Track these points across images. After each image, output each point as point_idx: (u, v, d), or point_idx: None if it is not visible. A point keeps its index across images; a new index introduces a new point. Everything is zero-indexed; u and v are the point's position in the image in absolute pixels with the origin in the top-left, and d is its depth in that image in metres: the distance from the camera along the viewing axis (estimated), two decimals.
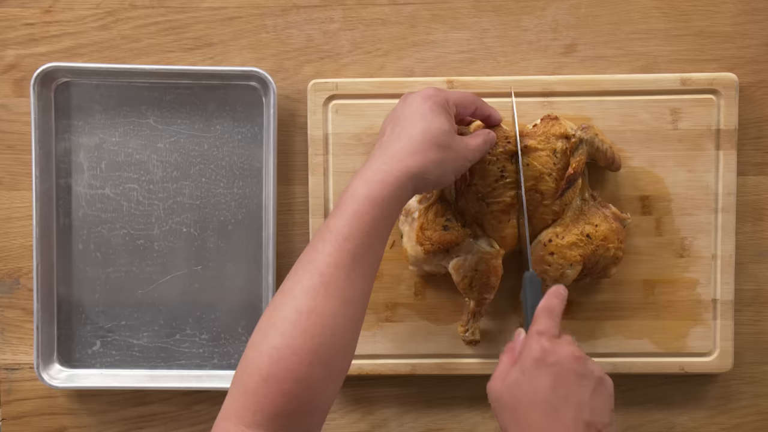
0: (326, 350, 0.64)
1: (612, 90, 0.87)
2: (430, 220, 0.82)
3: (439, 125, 0.72)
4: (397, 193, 0.69)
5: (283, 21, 0.90)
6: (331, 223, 0.68)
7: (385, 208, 0.68)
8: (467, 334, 0.86)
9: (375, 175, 0.69)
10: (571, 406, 0.67)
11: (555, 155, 0.81)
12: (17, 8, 0.90)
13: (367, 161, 0.71)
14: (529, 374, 0.69)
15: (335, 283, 0.65)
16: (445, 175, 0.73)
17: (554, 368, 0.68)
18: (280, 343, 0.63)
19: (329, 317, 0.64)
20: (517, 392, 0.69)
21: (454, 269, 0.83)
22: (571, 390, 0.68)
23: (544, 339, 0.70)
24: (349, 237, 0.66)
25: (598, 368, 0.70)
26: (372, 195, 0.68)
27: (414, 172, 0.69)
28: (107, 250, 0.90)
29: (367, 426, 0.92)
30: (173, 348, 0.91)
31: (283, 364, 0.62)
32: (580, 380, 0.68)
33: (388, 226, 0.69)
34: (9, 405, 0.92)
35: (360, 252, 0.67)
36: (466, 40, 0.90)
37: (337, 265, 0.66)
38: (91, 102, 0.90)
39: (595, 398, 0.68)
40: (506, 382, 0.70)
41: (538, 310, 0.73)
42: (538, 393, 0.68)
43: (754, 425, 0.91)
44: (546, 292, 0.75)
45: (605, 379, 0.70)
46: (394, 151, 0.70)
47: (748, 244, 0.90)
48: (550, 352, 0.69)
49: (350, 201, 0.68)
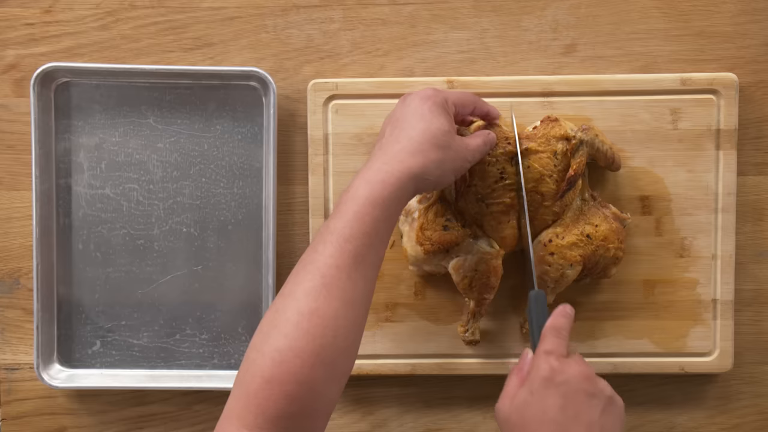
0: (328, 352, 0.64)
1: (612, 90, 0.87)
2: (430, 220, 0.82)
3: (438, 125, 0.72)
4: (398, 193, 0.69)
5: (283, 21, 0.90)
6: (332, 224, 0.67)
7: (386, 208, 0.68)
8: (467, 334, 0.86)
9: (376, 175, 0.68)
10: (581, 426, 0.66)
11: (555, 157, 0.81)
12: (17, 8, 0.90)
13: (367, 162, 0.71)
14: (538, 394, 0.68)
15: (337, 285, 0.65)
16: (445, 175, 0.73)
17: (563, 387, 0.67)
18: (282, 345, 0.63)
19: (331, 318, 0.64)
20: (525, 412, 0.68)
21: (454, 269, 0.83)
22: (581, 409, 0.67)
23: (552, 358, 0.69)
24: (350, 238, 0.66)
25: (608, 387, 0.69)
26: (373, 196, 0.67)
27: (415, 172, 0.69)
28: (107, 250, 0.90)
29: (367, 426, 0.92)
30: (173, 348, 0.91)
31: (286, 367, 0.62)
32: (589, 399, 0.67)
33: (389, 226, 0.69)
34: (9, 405, 0.92)
35: (361, 253, 0.67)
36: (466, 40, 0.90)
37: (339, 266, 0.66)
38: (91, 102, 0.90)
39: (605, 417, 0.67)
40: (515, 402, 0.69)
41: (546, 329, 0.73)
42: (547, 413, 0.67)
43: (754, 425, 0.91)
44: (553, 312, 0.74)
45: (615, 398, 0.69)
46: (394, 152, 0.70)
47: (748, 244, 0.90)
48: (558, 372, 0.68)
49: (351, 202, 0.68)
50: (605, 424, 0.67)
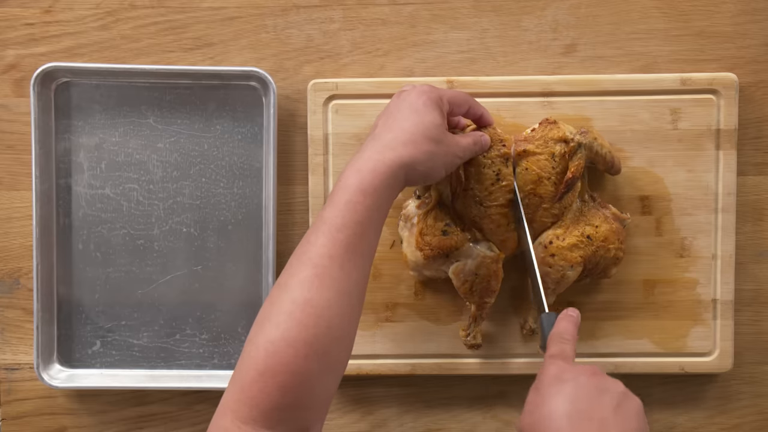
0: (322, 342, 0.64)
1: (612, 90, 0.87)
2: (429, 225, 0.82)
3: (431, 119, 0.72)
4: (389, 182, 0.69)
5: (283, 21, 0.90)
6: (324, 214, 0.68)
7: (377, 197, 0.68)
8: (469, 338, 0.86)
9: (366, 164, 0.69)
10: (593, 423, 0.63)
11: (553, 159, 0.81)
12: (17, 8, 0.90)
13: (358, 152, 0.71)
14: (547, 393, 0.65)
15: (329, 274, 0.65)
16: (436, 168, 0.73)
17: (571, 383, 0.65)
18: (275, 336, 0.63)
19: (324, 308, 0.64)
20: (536, 413, 0.65)
21: (454, 274, 0.83)
22: (592, 405, 0.64)
23: (558, 359, 0.68)
24: (341, 227, 0.66)
25: (621, 385, 0.66)
26: (363, 185, 0.68)
27: (405, 161, 0.70)
28: (107, 250, 0.90)
29: (367, 426, 0.92)
30: (173, 348, 0.91)
31: (279, 357, 0.62)
32: (600, 395, 0.64)
33: (381, 216, 0.69)
34: (9, 405, 0.92)
35: (353, 242, 0.67)
36: (466, 40, 0.90)
37: (331, 256, 0.66)
38: (91, 102, 0.90)
39: (621, 416, 0.63)
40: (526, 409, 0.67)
41: (550, 337, 0.71)
42: (557, 409, 0.64)
43: (754, 425, 0.91)
44: (557, 318, 0.73)
45: (630, 396, 0.66)
46: (386, 141, 0.71)
47: (748, 244, 0.90)
48: (566, 370, 0.66)
49: (342, 191, 0.68)
50: (622, 423, 0.63)
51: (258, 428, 0.62)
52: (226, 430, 0.62)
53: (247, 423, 0.62)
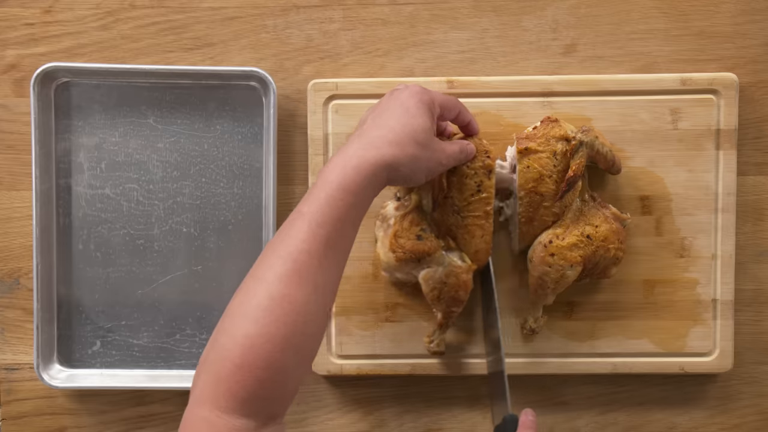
0: (298, 337, 0.64)
1: (612, 90, 0.87)
2: (404, 228, 0.82)
3: (420, 123, 0.72)
4: (372, 180, 0.69)
5: (283, 21, 0.90)
6: (305, 207, 0.68)
7: (358, 195, 0.68)
8: (432, 345, 0.86)
9: (350, 161, 0.69)
10: None
11: (555, 157, 0.81)
12: (17, 8, 0.90)
13: (343, 146, 0.71)
14: None
15: (308, 270, 0.65)
16: (418, 172, 0.73)
17: None
18: (252, 331, 0.63)
19: (302, 304, 0.65)
20: None
21: (423, 280, 0.83)
22: None
23: None
24: (322, 223, 0.66)
25: None
26: (346, 182, 0.68)
27: (388, 161, 0.70)
28: (107, 250, 0.90)
29: (367, 426, 0.92)
30: (173, 348, 0.91)
31: (257, 352, 0.63)
32: None
33: (360, 213, 0.70)
34: (9, 405, 0.92)
35: (333, 238, 0.67)
36: (466, 40, 0.90)
37: (311, 251, 0.66)
38: (91, 102, 0.90)
39: None
40: None
41: None
42: None
43: (754, 425, 0.91)
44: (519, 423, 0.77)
45: None
46: (372, 138, 0.71)
47: (748, 244, 0.90)
48: None
49: (323, 186, 0.68)
50: None
51: (236, 417, 0.62)
52: (205, 419, 0.63)
53: (225, 412, 0.62)
